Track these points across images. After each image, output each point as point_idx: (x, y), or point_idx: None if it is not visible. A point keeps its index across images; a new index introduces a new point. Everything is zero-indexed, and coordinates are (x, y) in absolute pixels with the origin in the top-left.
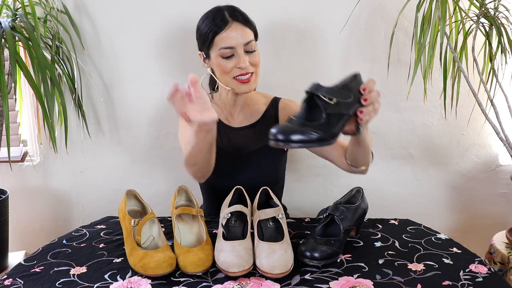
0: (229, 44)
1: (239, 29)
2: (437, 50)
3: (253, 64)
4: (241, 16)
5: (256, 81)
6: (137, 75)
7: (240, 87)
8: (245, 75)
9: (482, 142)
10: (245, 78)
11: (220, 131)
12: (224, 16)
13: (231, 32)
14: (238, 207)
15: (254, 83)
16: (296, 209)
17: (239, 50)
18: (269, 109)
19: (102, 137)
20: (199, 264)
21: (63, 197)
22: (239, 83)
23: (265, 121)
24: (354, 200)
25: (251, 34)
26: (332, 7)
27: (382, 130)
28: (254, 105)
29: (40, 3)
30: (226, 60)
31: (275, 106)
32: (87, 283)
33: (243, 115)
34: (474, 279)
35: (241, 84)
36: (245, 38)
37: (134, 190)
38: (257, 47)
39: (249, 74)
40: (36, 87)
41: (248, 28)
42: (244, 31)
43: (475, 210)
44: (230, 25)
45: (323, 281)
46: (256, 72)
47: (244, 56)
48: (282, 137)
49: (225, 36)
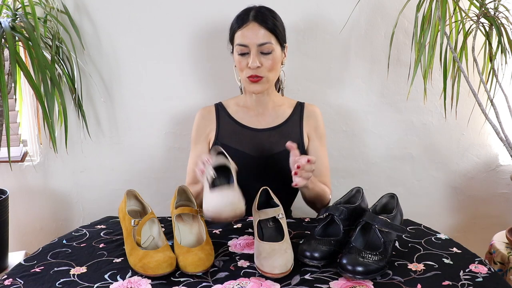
0: (243, 42)
1: (255, 29)
2: (437, 50)
3: (267, 68)
4: (262, 17)
5: (266, 86)
6: (137, 75)
7: (249, 85)
8: (254, 76)
9: (482, 142)
10: (254, 78)
11: (244, 134)
12: (247, 15)
13: (247, 31)
14: (221, 160)
15: (264, 85)
16: (296, 209)
17: (253, 49)
18: (294, 114)
19: (102, 137)
20: (199, 264)
21: (63, 197)
22: (248, 82)
23: (289, 124)
24: (354, 200)
25: (269, 36)
26: (332, 7)
27: (382, 130)
28: (280, 107)
29: (40, 3)
30: (242, 57)
31: (300, 111)
32: (87, 283)
33: (269, 116)
34: (474, 279)
35: (250, 83)
36: (260, 39)
37: (134, 190)
38: (277, 53)
39: (259, 77)
40: (36, 87)
41: (266, 30)
42: (260, 32)
43: (475, 210)
44: (248, 24)
45: (323, 281)
46: (268, 77)
47: (258, 56)
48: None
49: (241, 33)
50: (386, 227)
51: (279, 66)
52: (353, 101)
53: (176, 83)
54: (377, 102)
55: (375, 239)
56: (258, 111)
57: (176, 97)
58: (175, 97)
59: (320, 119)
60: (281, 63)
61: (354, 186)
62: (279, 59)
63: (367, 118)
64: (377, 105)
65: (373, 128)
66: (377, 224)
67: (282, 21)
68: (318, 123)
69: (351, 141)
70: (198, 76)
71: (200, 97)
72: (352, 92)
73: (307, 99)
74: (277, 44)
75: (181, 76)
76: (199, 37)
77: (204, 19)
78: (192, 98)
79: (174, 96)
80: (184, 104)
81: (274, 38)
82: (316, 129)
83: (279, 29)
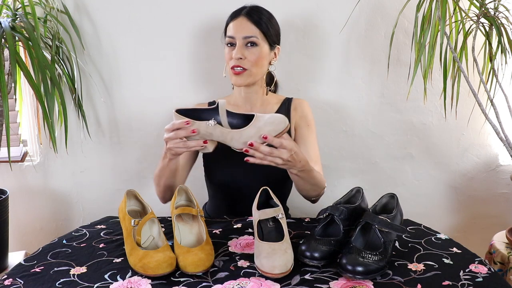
0: (231, 34)
1: (244, 23)
2: (437, 50)
3: (251, 62)
4: (252, 13)
5: (249, 79)
6: (137, 75)
7: (232, 77)
8: (237, 67)
9: (482, 142)
10: (237, 70)
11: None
12: (241, 11)
13: (236, 23)
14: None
15: (246, 78)
16: (296, 209)
17: (239, 41)
18: (281, 108)
19: (102, 137)
20: (199, 264)
21: (63, 197)
22: (232, 73)
23: None
24: (354, 200)
25: (255, 31)
26: (332, 7)
27: (382, 130)
28: (267, 105)
29: (40, 3)
30: (229, 48)
31: (288, 105)
32: (87, 283)
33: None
34: (474, 279)
35: (233, 75)
36: (246, 32)
37: (134, 190)
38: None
39: (241, 68)
40: (36, 87)
41: (253, 24)
42: (248, 26)
43: (475, 210)
44: (238, 18)
45: (323, 281)
46: (251, 71)
47: (242, 49)
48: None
49: (232, 25)
50: (386, 227)
51: (265, 63)
52: (353, 101)
53: (176, 83)
54: (377, 102)
55: (375, 239)
56: (246, 108)
57: (176, 97)
58: (175, 97)
59: (307, 108)
60: (268, 62)
61: (354, 186)
62: (265, 56)
63: (367, 118)
64: (377, 105)
65: (373, 128)
66: (377, 224)
67: (277, 24)
68: (304, 112)
69: (351, 141)
70: (198, 76)
71: (200, 97)
72: (352, 92)
73: (307, 99)
74: (264, 41)
75: (181, 76)
76: (199, 37)
77: (204, 19)
78: (192, 98)
79: (174, 96)
80: (184, 104)
81: (261, 34)
82: (302, 117)
83: (268, 28)
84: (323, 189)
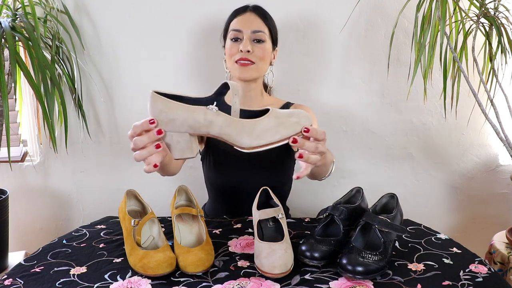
0: (238, 27)
1: (252, 17)
2: (437, 50)
3: (258, 56)
4: (259, 10)
5: (255, 73)
6: (137, 75)
7: (238, 70)
8: (245, 60)
9: (482, 142)
10: (244, 62)
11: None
12: (246, 7)
13: (243, 18)
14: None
15: (253, 71)
16: (296, 209)
17: (246, 35)
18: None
19: (102, 137)
20: (199, 264)
21: (63, 197)
22: (238, 66)
23: None
24: (354, 200)
25: (264, 27)
26: (332, 7)
27: (382, 130)
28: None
29: (40, 3)
30: (234, 43)
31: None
32: (87, 283)
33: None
34: (474, 279)
35: (240, 67)
36: (255, 26)
37: (134, 190)
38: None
39: (249, 61)
40: (36, 87)
41: (262, 21)
42: (257, 20)
43: (475, 210)
44: (245, 13)
45: (323, 281)
46: (258, 65)
47: (251, 42)
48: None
49: (237, 20)
50: (386, 227)
51: (268, 60)
52: (353, 101)
53: (176, 83)
54: (377, 102)
55: (375, 239)
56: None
57: None
58: None
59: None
60: (270, 60)
61: (354, 186)
62: (269, 53)
63: (367, 118)
64: (377, 105)
65: (373, 128)
66: (377, 224)
67: (276, 25)
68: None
69: (351, 141)
70: (198, 76)
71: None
72: (352, 92)
73: (307, 99)
74: (269, 39)
75: (181, 76)
76: (199, 37)
77: (205, 20)
78: None
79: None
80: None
81: (268, 30)
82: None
83: (273, 27)
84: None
